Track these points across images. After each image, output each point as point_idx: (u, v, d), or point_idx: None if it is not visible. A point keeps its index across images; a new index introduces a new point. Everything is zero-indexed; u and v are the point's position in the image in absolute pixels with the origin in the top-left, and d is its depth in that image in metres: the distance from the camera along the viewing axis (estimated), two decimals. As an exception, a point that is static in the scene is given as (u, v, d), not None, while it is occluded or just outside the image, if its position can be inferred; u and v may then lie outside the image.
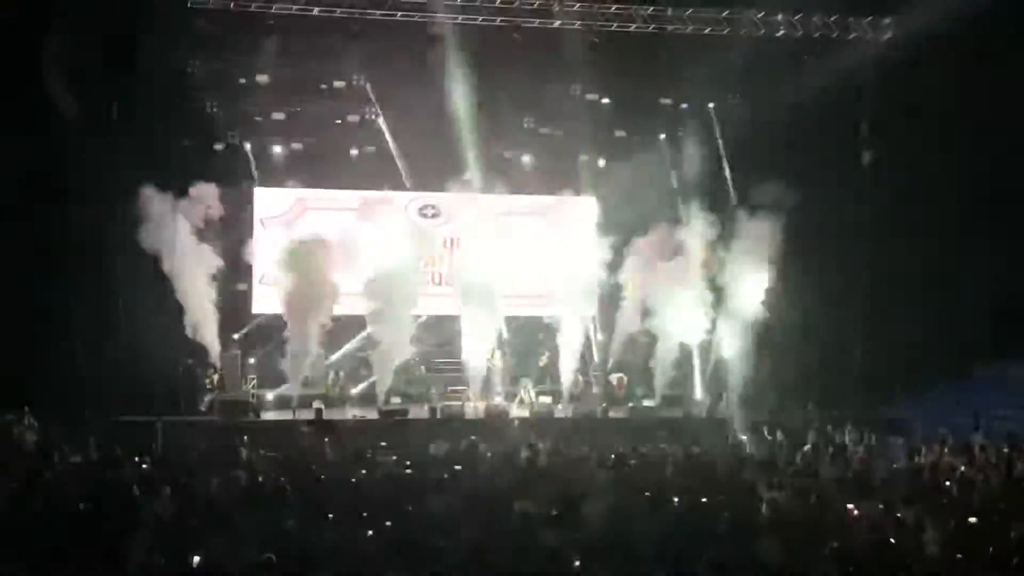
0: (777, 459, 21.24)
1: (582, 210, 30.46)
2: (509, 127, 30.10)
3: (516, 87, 29.01)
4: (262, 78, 29.71)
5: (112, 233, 25.86)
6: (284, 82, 29.80)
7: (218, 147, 29.71)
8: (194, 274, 26.89)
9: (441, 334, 30.04)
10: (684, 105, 31.48)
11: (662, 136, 31.82)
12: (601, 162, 31.46)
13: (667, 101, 31.40)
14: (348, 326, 28.40)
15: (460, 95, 28.04)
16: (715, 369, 29.02)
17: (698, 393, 29.21)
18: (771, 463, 20.66)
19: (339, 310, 27.37)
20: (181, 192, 26.73)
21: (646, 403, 28.18)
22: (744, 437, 23.97)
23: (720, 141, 30.82)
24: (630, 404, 28.27)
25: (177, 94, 27.94)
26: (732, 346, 27.99)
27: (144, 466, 19.21)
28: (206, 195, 27.27)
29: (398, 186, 30.25)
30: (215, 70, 29.07)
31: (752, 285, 27.72)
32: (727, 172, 30.62)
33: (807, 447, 22.31)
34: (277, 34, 28.51)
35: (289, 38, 28.54)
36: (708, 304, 28.12)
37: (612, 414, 27.75)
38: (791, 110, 27.58)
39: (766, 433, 23.95)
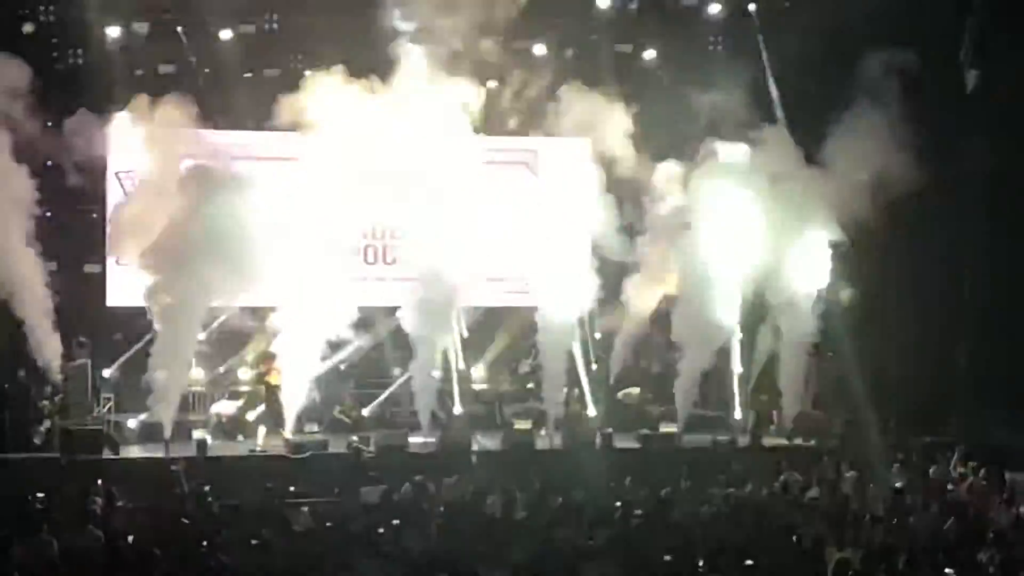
0: (849, 504, 21.34)
1: (575, 156, 30.38)
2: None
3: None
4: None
5: None
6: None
7: (60, 68, 29.50)
8: (18, 248, 26.76)
9: (376, 334, 30.00)
10: (716, 8, 31.57)
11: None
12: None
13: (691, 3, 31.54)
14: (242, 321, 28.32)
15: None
16: (760, 380, 29.08)
17: (737, 412, 29.31)
18: (840, 510, 20.76)
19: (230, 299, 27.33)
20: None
21: (665, 428, 28.23)
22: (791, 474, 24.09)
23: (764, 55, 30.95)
24: (643, 430, 28.33)
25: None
26: (784, 347, 28.00)
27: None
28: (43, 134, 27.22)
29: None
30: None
31: (813, 260, 27.78)
32: (775, 97, 30.67)
33: (891, 485, 22.45)
34: None
35: None
36: (751, 286, 28.18)
37: (618, 443, 27.80)
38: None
39: (832, 466, 24.03)
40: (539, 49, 31.45)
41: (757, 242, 28.16)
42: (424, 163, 27.66)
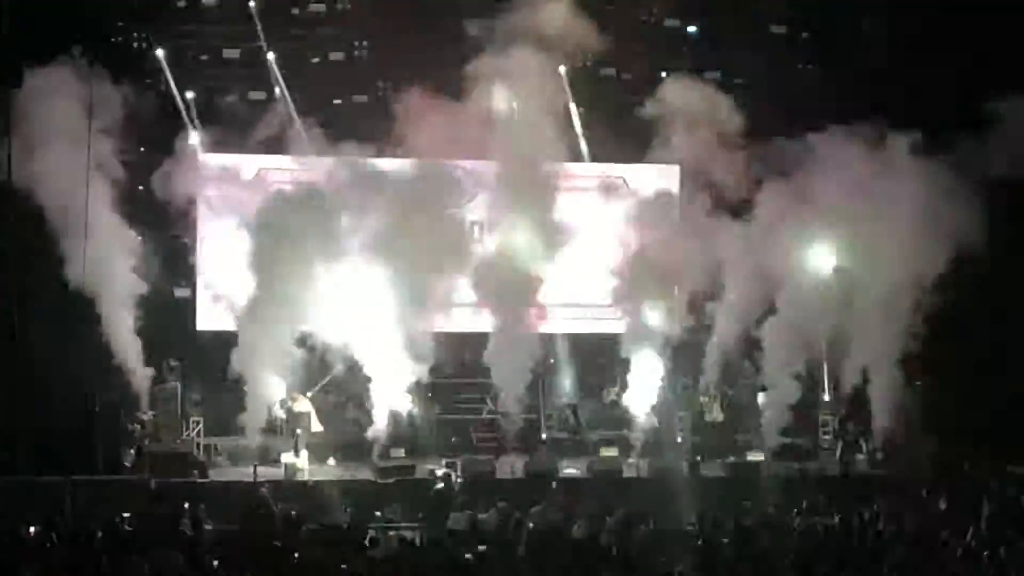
0: (939, 534, 21.10)
1: (663, 183, 30.32)
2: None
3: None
4: (209, 0, 29.85)
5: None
6: (238, 4, 29.92)
7: (152, 94, 29.78)
8: (115, 274, 27.03)
9: (462, 359, 30.00)
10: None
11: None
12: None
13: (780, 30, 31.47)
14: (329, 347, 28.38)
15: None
16: (850, 407, 28.83)
17: (825, 440, 29.08)
18: (930, 540, 20.53)
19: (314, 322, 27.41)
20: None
21: (752, 456, 28.04)
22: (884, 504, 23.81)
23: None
24: (730, 458, 28.14)
25: (88, 21, 28.16)
26: (875, 366, 27.79)
27: (47, 544, 19.27)
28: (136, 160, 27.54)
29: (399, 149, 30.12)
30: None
31: (911, 264, 27.53)
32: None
33: (983, 515, 22.22)
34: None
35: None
36: (841, 294, 27.98)
37: (705, 471, 27.64)
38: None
39: (923, 495, 23.82)
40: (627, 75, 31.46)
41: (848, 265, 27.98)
42: (513, 188, 27.68)
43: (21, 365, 25.60)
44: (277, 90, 30.54)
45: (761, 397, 29.01)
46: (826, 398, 29.44)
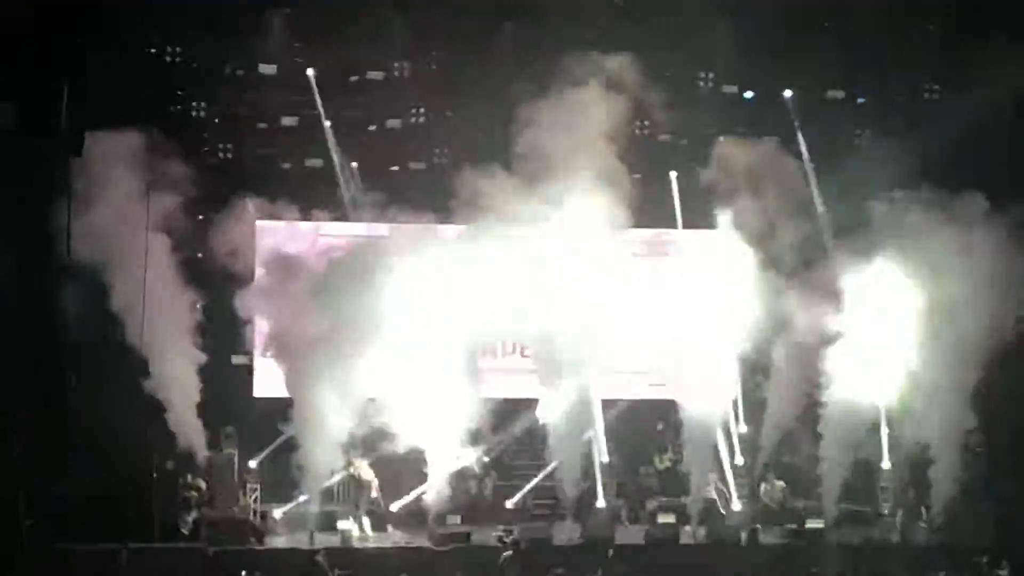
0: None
1: (719, 247, 30.27)
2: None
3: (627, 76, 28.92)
4: (267, 69, 30.08)
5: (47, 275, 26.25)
6: (296, 73, 30.11)
7: (206, 163, 29.98)
8: (172, 340, 27.17)
9: (516, 425, 29.98)
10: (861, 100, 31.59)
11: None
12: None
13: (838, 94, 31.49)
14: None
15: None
16: (910, 473, 28.62)
17: (886, 508, 28.85)
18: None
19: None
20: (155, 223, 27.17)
21: (811, 523, 27.82)
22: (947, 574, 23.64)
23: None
24: (789, 526, 27.93)
25: (148, 88, 28.40)
26: (939, 430, 27.63)
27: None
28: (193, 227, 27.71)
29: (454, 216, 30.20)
30: (201, 56, 29.54)
31: (975, 323, 27.31)
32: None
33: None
34: (286, 6, 28.96)
35: (304, 13, 28.95)
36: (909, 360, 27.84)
37: (763, 539, 27.44)
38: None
39: (984, 565, 23.61)
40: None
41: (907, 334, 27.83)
42: (569, 256, 27.67)
43: (79, 432, 25.70)
44: (334, 157, 30.78)
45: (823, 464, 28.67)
46: (886, 465, 29.10)
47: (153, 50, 30.03)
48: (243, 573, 22.21)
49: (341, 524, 26.73)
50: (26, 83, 25.66)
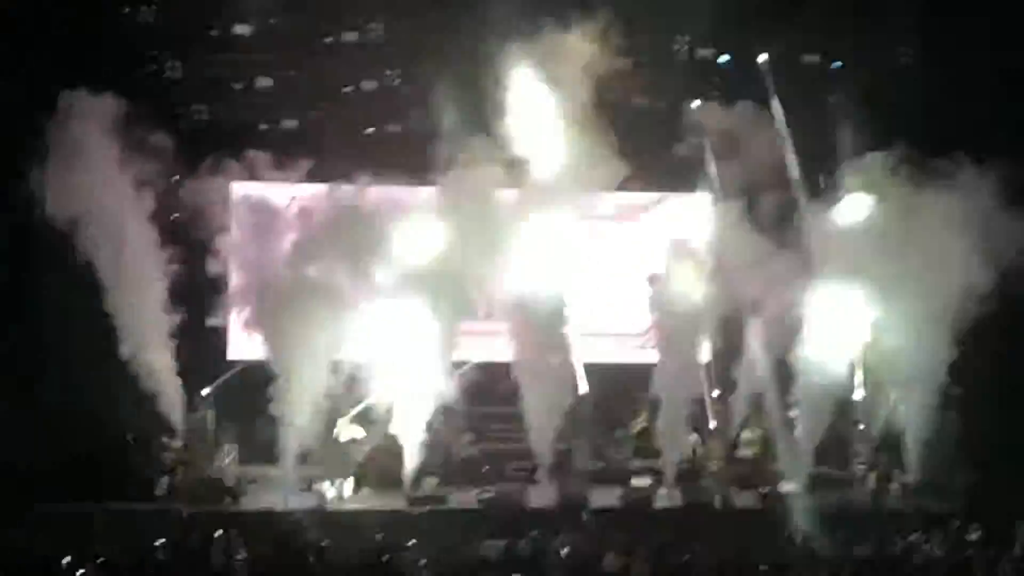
0: (974, 569, 21.02)
1: (690, 211, 30.36)
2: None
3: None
4: (241, 28, 30.02)
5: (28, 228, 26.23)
6: (272, 34, 30.04)
7: (180, 125, 29.89)
8: (147, 301, 27.11)
9: (492, 389, 30.00)
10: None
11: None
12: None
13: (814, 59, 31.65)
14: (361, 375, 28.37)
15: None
16: (882, 437, 28.75)
17: (858, 471, 28.99)
18: (963, 573, 20.46)
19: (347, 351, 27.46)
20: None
21: (785, 486, 27.95)
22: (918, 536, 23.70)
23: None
24: (763, 489, 28.04)
25: (122, 51, 28.31)
26: (908, 394, 27.75)
27: (80, 572, 19.31)
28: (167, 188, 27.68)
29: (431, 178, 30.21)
30: (176, 18, 29.42)
31: (949, 284, 27.35)
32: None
33: (1018, 547, 22.11)
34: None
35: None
36: (874, 321, 27.91)
37: (738, 502, 27.57)
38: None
39: (956, 530, 23.72)
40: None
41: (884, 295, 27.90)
42: (549, 216, 27.70)
43: (53, 393, 25.71)
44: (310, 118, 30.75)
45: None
46: (859, 427, 29.23)
47: (127, 9, 29.89)
48: (218, 534, 22.14)
49: (316, 486, 26.76)
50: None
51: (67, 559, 19.97)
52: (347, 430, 28.33)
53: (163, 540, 22.09)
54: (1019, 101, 29.01)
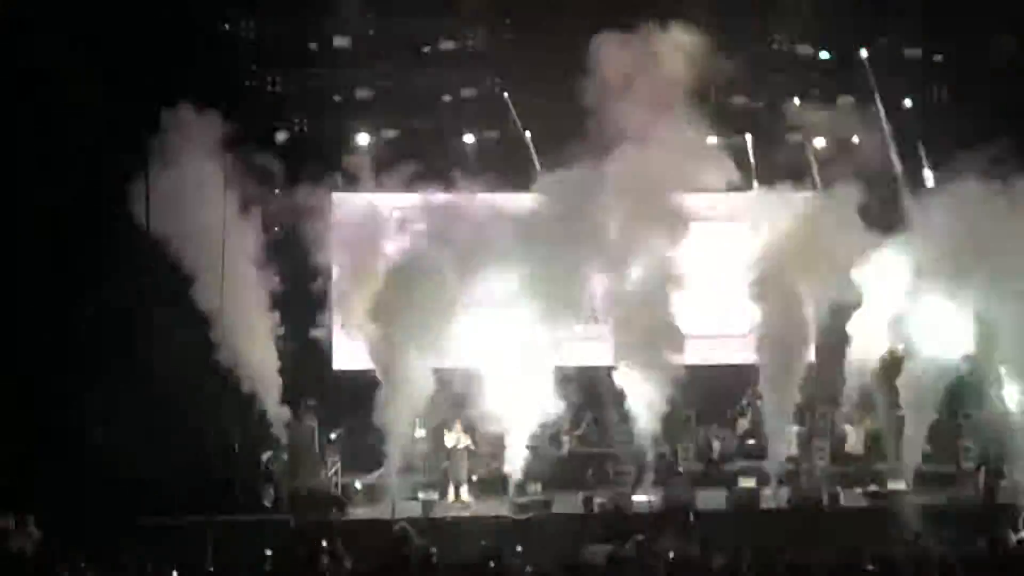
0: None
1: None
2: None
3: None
4: (340, 41, 30.20)
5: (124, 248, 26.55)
6: (370, 45, 30.20)
7: (279, 136, 30.14)
8: (252, 312, 27.46)
9: (593, 394, 29.97)
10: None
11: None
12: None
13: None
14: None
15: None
16: (994, 427, 28.39)
17: (967, 466, 28.68)
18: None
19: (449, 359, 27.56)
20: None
21: (893, 485, 27.65)
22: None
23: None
24: (871, 487, 27.77)
25: (224, 65, 28.64)
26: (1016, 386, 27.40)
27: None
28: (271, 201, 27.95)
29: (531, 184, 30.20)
30: (275, 32, 29.68)
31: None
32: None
33: None
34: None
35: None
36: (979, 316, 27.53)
37: (844, 501, 27.35)
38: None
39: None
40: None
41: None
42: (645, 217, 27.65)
43: (160, 407, 25.98)
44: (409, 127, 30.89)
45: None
46: (968, 423, 28.92)
47: (227, 26, 30.22)
48: (324, 543, 22.27)
49: (421, 494, 26.89)
50: (105, 59, 26.12)
51: (175, 573, 20.09)
52: (453, 437, 28.31)
53: (270, 551, 22.29)
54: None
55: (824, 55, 31.98)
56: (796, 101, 30.56)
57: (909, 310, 27.83)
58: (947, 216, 27.65)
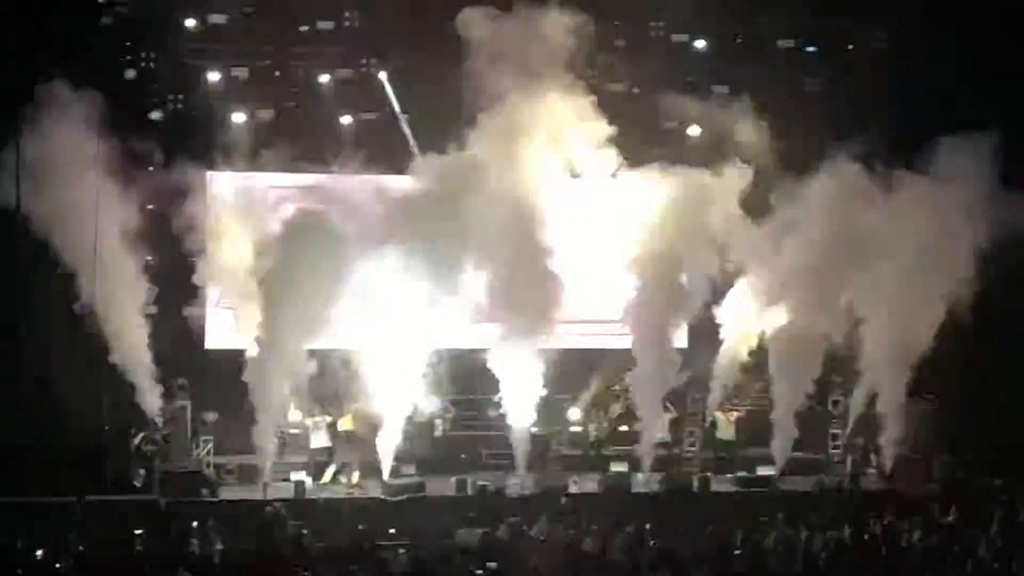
0: (951, 547, 21.08)
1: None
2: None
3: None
4: (217, 19, 29.88)
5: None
6: (248, 25, 29.93)
7: (154, 115, 29.81)
8: (122, 293, 27.08)
9: (469, 377, 29.99)
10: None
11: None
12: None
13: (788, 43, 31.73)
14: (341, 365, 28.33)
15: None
16: (858, 422, 28.81)
17: (835, 455, 29.06)
18: (942, 553, 20.51)
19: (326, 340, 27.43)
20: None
21: (762, 471, 27.96)
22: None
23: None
24: (740, 473, 28.07)
25: (99, 42, 28.24)
26: (889, 380, 27.74)
27: (57, 565, 19.28)
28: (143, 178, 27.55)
29: (408, 167, 30.13)
30: (150, 9, 29.30)
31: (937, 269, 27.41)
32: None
33: (993, 528, 22.16)
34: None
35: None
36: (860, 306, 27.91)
37: (715, 486, 27.61)
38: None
39: (935, 509, 23.78)
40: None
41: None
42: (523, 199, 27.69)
43: (30, 385, 25.65)
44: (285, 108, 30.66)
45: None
46: (835, 411, 29.29)
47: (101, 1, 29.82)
48: (195, 525, 22.14)
49: (293, 476, 26.76)
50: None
51: (41, 552, 19.85)
52: (348, 421, 28.18)
53: (141, 531, 22.10)
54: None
55: (700, 43, 32.04)
56: (671, 89, 30.67)
57: (779, 297, 28.09)
58: (819, 203, 28.04)
